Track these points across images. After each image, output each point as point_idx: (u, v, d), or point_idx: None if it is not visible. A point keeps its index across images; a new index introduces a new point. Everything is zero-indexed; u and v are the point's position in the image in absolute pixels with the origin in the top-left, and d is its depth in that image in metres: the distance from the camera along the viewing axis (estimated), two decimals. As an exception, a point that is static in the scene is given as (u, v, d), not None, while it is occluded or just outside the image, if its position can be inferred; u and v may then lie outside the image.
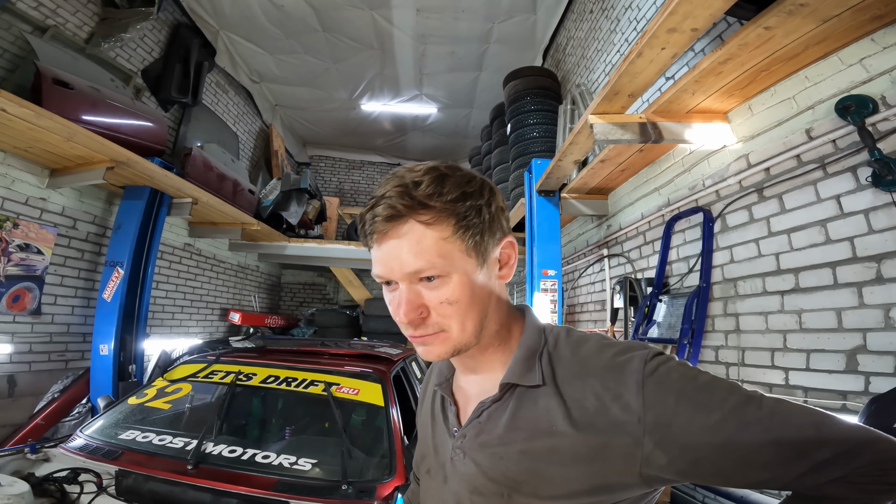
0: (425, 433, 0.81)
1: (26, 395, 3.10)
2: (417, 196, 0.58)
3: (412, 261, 0.58)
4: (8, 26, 3.15)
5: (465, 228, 0.60)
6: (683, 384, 0.54)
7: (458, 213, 0.59)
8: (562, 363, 0.63)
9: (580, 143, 2.61)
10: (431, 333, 0.61)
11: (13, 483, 1.31)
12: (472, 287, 0.61)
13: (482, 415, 0.66)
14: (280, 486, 1.49)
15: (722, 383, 0.54)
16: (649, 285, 2.66)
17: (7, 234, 2.98)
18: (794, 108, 1.88)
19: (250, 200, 5.32)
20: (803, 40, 1.67)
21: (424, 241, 0.58)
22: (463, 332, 0.61)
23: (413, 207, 0.58)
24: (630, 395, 0.55)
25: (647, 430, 0.53)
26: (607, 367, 0.58)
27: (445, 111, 7.58)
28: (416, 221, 0.58)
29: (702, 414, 0.52)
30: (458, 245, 0.59)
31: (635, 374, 0.56)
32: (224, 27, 5.54)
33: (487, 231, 0.62)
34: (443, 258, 0.58)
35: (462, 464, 0.66)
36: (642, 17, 3.37)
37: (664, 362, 0.57)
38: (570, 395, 0.59)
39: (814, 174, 1.76)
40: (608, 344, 0.62)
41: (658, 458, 0.53)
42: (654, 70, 1.97)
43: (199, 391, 2.24)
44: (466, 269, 0.60)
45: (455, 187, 0.60)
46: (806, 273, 1.75)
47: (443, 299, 0.59)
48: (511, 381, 0.63)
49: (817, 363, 1.69)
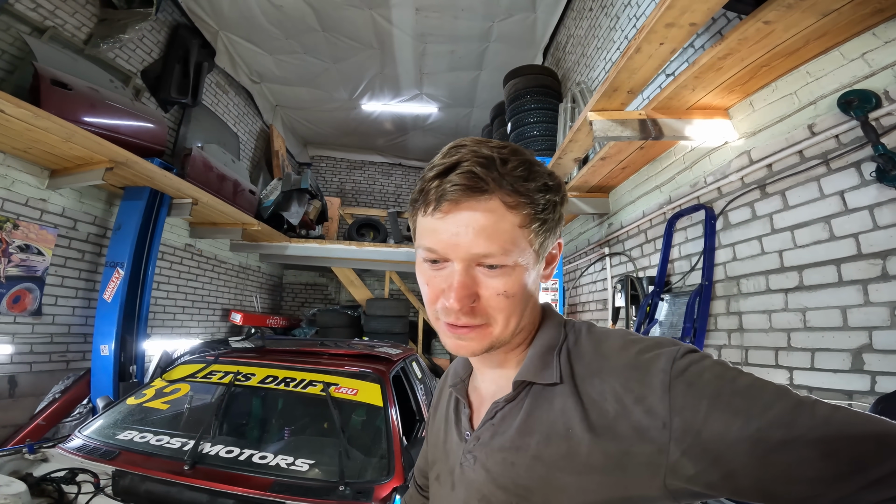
0: (437, 438, 0.76)
1: (27, 395, 3.09)
2: (506, 174, 0.53)
3: (484, 242, 0.53)
4: (6, 27, 3.15)
5: (542, 223, 0.56)
6: (719, 386, 0.47)
7: (538, 204, 0.55)
8: (582, 360, 0.58)
9: (580, 140, 2.59)
10: (476, 325, 0.56)
11: (10, 483, 1.31)
12: (527, 283, 0.57)
13: (496, 416, 0.62)
14: (277, 486, 1.48)
15: (767, 386, 0.47)
16: (651, 284, 2.64)
17: (7, 235, 2.98)
18: (795, 103, 1.86)
19: (251, 201, 5.31)
20: (804, 35, 1.65)
21: (502, 224, 0.53)
22: (506, 329, 0.57)
23: (501, 185, 0.53)
24: (654, 397, 0.49)
25: (673, 437, 0.47)
26: (630, 365, 0.53)
27: (446, 110, 7.56)
28: (501, 200, 0.53)
29: (739, 421, 0.45)
30: (530, 238, 0.56)
31: (661, 374, 0.50)
32: (223, 27, 5.53)
33: (554, 229, 0.59)
34: (515, 246, 0.54)
35: (472, 470, 0.62)
36: (641, 13, 3.35)
37: (696, 361, 0.50)
38: (588, 395, 0.54)
39: (817, 170, 1.74)
40: (634, 340, 0.57)
41: (685, 468, 0.47)
42: (652, 66, 1.96)
43: (198, 391, 2.23)
44: (528, 263, 0.56)
45: (540, 177, 0.56)
46: (810, 270, 1.73)
47: (500, 291, 0.55)
48: (525, 378, 0.59)
49: (822, 362, 1.66)
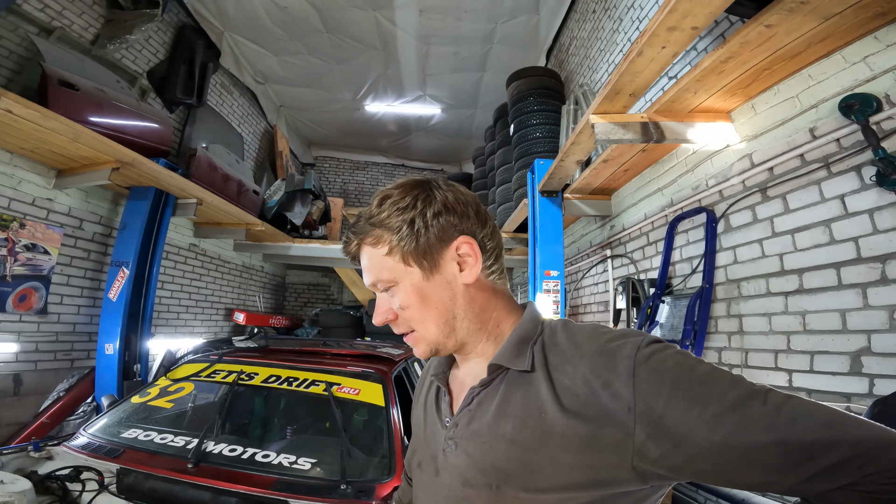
0: (418, 427, 0.80)
1: (32, 393, 3.12)
2: (363, 221, 0.69)
3: (367, 276, 0.69)
4: (14, 28, 3.18)
5: (399, 240, 0.66)
6: (679, 373, 0.51)
7: (393, 228, 0.66)
8: (555, 350, 0.62)
9: (582, 143, 2.59)
10: (407, 332, 0.69)
11: (15, 480, 1.32)
12: (422, 293, 0.66)
13: (472, 401, 0.66)
14: (279, 485, 1.49)
15: (724, 375, 0.51)
16: (652, 286, 2.64)
17: (14, 235, 3.01)
18: (797, 106, 1.86)
19: (255, 201, 5.33)
20: (805, 38, 1.66)
21: (372, 260, 0.68)
22: (427, 333, 0.67)
23: (360, 233, 0.69)
24: (620, 382, 0.53)
25: (637, 421, 0.51)
26: (598, 351, 0.57)
27: (449, 112, 7.58)
28: (364, 244, 0.69)
29: (697, 407, 0.48)
30: (396, 257, 0.66)
31: (626, 360, 0.53)
32: (228, 28, 5.56)
33: (424, 238, 0.66)
34: (386, 271, 0.67)
35: (454, 455, 0.65)
36: (644, 16, 3.36)
37: (660, 350, 0.54)
38: (560, 381, 0.58)
39: (818, 174, 1.74)
40: (604, 331, 0.60)
41: (650, 450, 0.50)
42: (654, 69, 1.96)
43: (202, 390, 2.25)
44: (411, 278, 0.66)
45: (391, 206, 0.67)
46: (810, 274, 1.73)
47: (398, 305, 0.67)
48: (499, 362, 0.63)
49: (821, 365, 1.67)
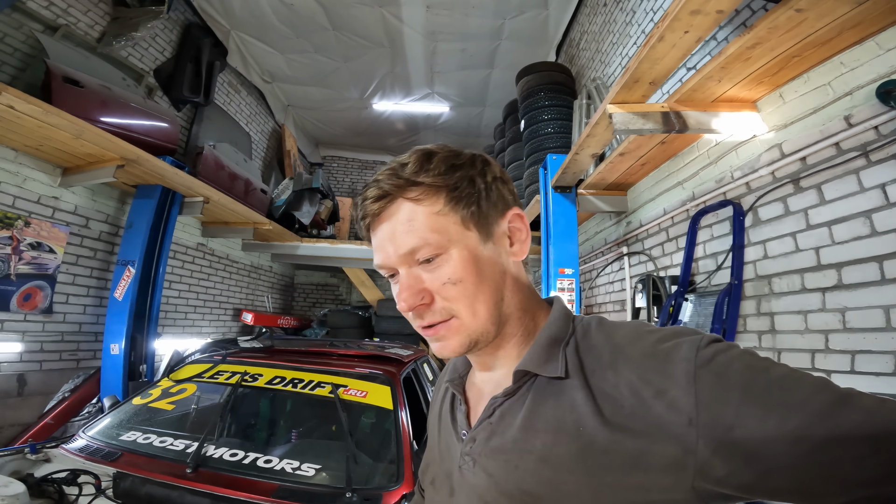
0: (433, 438, 0.72)
1: (36, 394, 3.08)
2: (405, 175, 0.55)
3: (405, 240, 0.54)
4: (19, 25, 3.16)
5: (458, 199, 0.55)
6: (752, 377, 0.42)
7: (449, 184, 0.55)
8: (592, 353, 0.53)
9: (598, 134, 2.50)
10: (440, 321, 0.55)
11: (9, 484, 1.28)
12: (478, 263, 0.55)
13: (494, 413, 0.57)
14: (281, 492, 1.41)
15: (805, 377, 0.42)
16: (674, 283, 2.53)
17: (18, 233, 2.98)
18: (830, 94, 1.76)
19: (262, 200, 5.31)
20: (837, 24, 1.56)
21: (416, 219, 0.54)
22: (475, 318, 0.54)
23: (401, 186, 0.55)
24: (677, 390, 0.44)
25: (700, 434, 0.42)
26: (647, 354, 0.48)
27: (457, 109, 7.50)
28: (405, 199, 0.55)
29: (776, 415, 0.40)
30: (453, 217, 0.55)
31: (684, 363, 0.45)
32: (235, 27, 5.53)
33: (485, 201, 0.57)
34: (438, 233, 0.54)
35: (471, 473, 0.56)
36: (659, 6, 3.25)
37: (723, 350, 0.45)
38: (600, 389, 0.49)
39: (855, 162, 1.63)
40: (650, 329, 0.51)
41: (715, 468, 0.42)
42: (676, 55, 1.86)
43: (205, 392, 2.18)
44: (467, 243, 0.55)
45: (442, 161, 0.56)
46: (849, 268, 1.62)
47: (445, 279, 0.54)
48: (527, 368, 0.54)
49: (863, 365, 1.56)
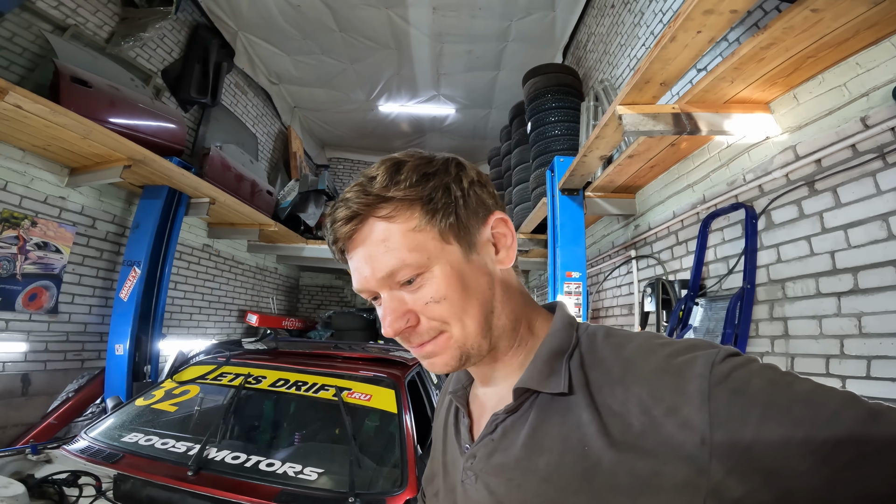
0: (437, 449, 0.70)
1: (40, 394, 3.08)
2: (373, 191, 0.51)
3: (382, 263, 0.50)
4: (28, 25, 3.18)
5: (434, 211, 0.51)
6: (773, 393, 0.40)
7: (423, 196, 0.51)
8: (599, 367, 0.50)
9: (607, 136, 2.46)
10: (429, 340, 0.52)
11: (9, 485, 1.27)
12: (462, 277, 0.52)
13: (496, 430, 0.55)
14: (283, 496, 1.39)
15: (832, 393, 0.40)
16: (683, 287, 2.49)
17: (25, 233, 2.99)
18: (845, 95, 1.72)
19: (268, 201, 5.31)
20: (854, 24, 1.53)
21: (391, 238, 0.50)
22: (465, 331, 0.51)
23: (371, 204, 0.51)
24: (690, 407, 0.41)
25: (714, 454, 0.40)
26: (659, 370, 0.45)
27: (464, 112, 7.47)
28: (377, 218, 0.51)
29: (801, 433, 0.37)
30: (431, 232, 0.51)
31: (698, 379, 0.42)
32: (242, 28, 5.56)
33: (464, 209, 0.53)
34: (416, 251, 0.50)
35: (473, 489, 0.54)
36: (668, 8, 3.22)
37: (741, 365, 0.43)
38: (608, 406, 0.47)
39: (872, 164, 1.59)
40: (663, 343, 0.48)
41: (731, 489, 0.39)
42: (688, 56, 1.83)
43: (209, 393, 2.16)
44: (449, 258, 0.51)
45: (412, 171, 0.52)
46: (866, 272, 1.58)
47: (428, 299, 0.51)
48: (528, 385, 0.52)
49: (879, 371, 1.52)
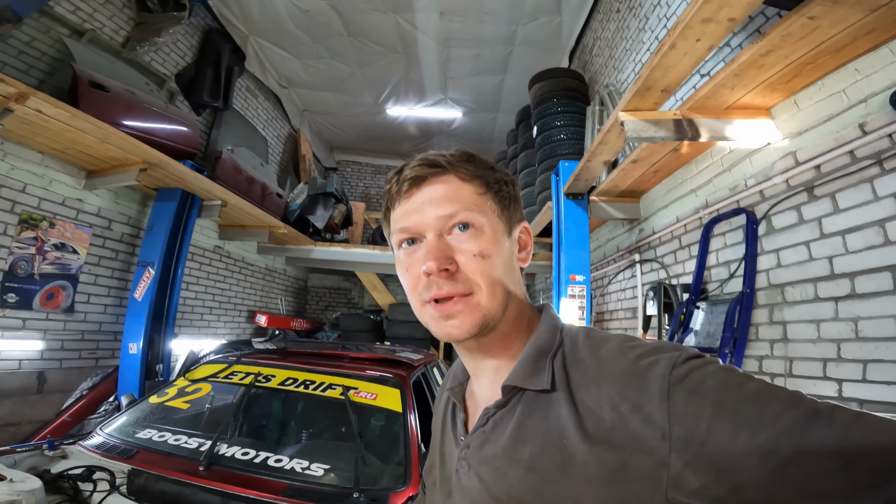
0: (435, 442, 0.76)
1: (55, 391, 3.17)
2: (453, 160, 0.61)
3: (448, 204, 0.58)
4: (46, 30, 3.27)
5: (497, 191, 0.62)
6: (724, 393, 0.44)
7: (489, 179, 0.61)
8: (578, 366, 0.55)
9: (610, 142, 2.49)
10: (461, 294, 0.56)
11: (25, 479, 1.30)
12: (502, 250, 0.60)
13: (487, 423, 0.60)
14: (290, 491, 1.44)
15: (778, 393, 0.43)
16: (685, 291, 2.51)
17: (43, 234, 3.08)
18: (844, 101, 1.74)
19: (278, 204, 5.38)
20: (851, 31, 1.55)
21: (462, 191, 0.59)
22: (493, 298, 0.57)
23: (452, 164, 0.60)
24: (652, 405, 0.46)
25: (673, 448, 0.44)
26: (627, 371, 0.50)
27: (471, 115, 7.53)
28: (455, 175, 0.60)
29: (747, 430, 0.41)
30: (491, 204, 0.61)
31: (660, 380, 0.47)
32: (253, 32, 5.66)
33: (513, 202, 0.64)
34: (478, 208, 0.59)
35: (467, 478, 0.60)
36: (672, 13, 3.24)
37: (699, 367, 0.47)
38: (584, 402, 0.52)
39: (870, 171, 1.61)
40: (633, 345, 0.53)
41: (688, 481, 0.43)
42: (688, 63, 1.86)
43: (220, 391, 2.22)
44: (497, 227, 0.60)
45: (483, 162, 0.63)
46: (863, 277, 1.60)
47: (476, 251, 0.57)
48: (514, 383, 0.57)
49: (875, 374, 1.54)
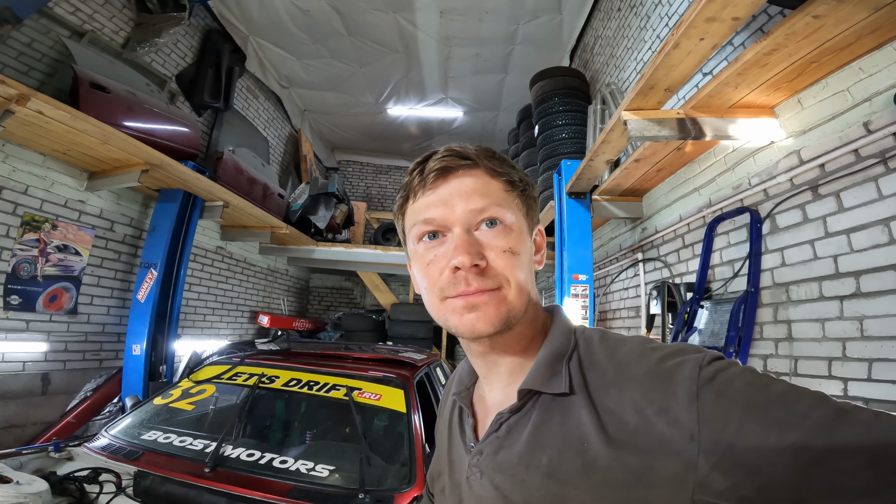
0: (441, 447, 0.74)
1: (59, 393, 3.17)
2: (481, 154, 0.60)
3: (479, 198, 0.57)
4: (46, 31, 3.26)
5: (522, 190, 0.61)
6: (752, 394, 0.44)
7: (513, 178, 0.60)
8: (596, 369, 0.54)
9: (613, 141, 2.49)
10: (487, 289, 0.54)
11: (32, 481, 1.30)
12: (527, 249, 0.59)
13: (501, 428, 0.58)
14: (295, 492, 1.44)
15: (804, 393, 0.43)
16: (689, 290, 2.50)
17: (46, 236, 3.08)
18: (848, 100, 1.73)
19: (280, 204, 5.39)
20: (855, 30, 1.55)
21: (491, 185, 0.58)
22: (519, 295, 0.56)
23: (481, 157, 0.59)
24: (679, 407, 0.45)
25: (702, 450, 0.43)
26: (651, 373, 0.49)
27: (472, 114, 7.53)
28: (484, 169, 0.59)
29: (776, 431, 0.41)
30: (517, 202, 0.60)
31: (686, 382, 0.46)
32: (253, 32, 5.65)
33: (534, 203, 0.63)
34: (506, 204, 0.58)
35: (479, 485, 0.58)
36: (674, 12, 3.23)
37: (724, 368, 0.46)
38: (605, 406, 0.51)
39: (874, 169, 1.61)
40: (653, 347, 0.53)
41: (716, 482, 0.43)
42: (692, 62, 1.86)
43: (224, 393, 2.23)
44: (523, 227, 0.59)
45: (505, 160, 0.62)
46: (868, 276, 1.59)
47: (506, 247, 0.56)
48: (531, 386, 0.56)
49: (880, 373, 1.53)
